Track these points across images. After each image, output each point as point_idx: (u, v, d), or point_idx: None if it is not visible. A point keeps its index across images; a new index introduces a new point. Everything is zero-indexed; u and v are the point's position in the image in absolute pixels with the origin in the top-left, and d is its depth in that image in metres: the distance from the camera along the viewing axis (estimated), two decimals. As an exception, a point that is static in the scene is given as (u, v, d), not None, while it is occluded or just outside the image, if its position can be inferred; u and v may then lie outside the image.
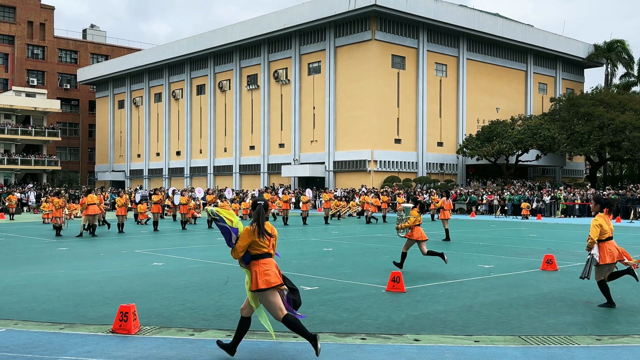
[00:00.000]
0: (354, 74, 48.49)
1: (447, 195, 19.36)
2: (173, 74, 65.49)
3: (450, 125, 52.61)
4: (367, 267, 12.49)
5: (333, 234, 22.49)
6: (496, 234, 22.86)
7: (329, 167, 50.20)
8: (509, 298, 9.21)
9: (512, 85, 56.62)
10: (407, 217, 11.87)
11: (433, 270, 12.08)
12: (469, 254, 15.34)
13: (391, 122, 48.65)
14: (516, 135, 45.93)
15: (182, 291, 9.63)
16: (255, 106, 56.76)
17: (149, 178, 68.32)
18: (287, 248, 16.75)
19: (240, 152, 58.33)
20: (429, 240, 19.34)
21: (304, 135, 52.58)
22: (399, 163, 49.13)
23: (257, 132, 56.49)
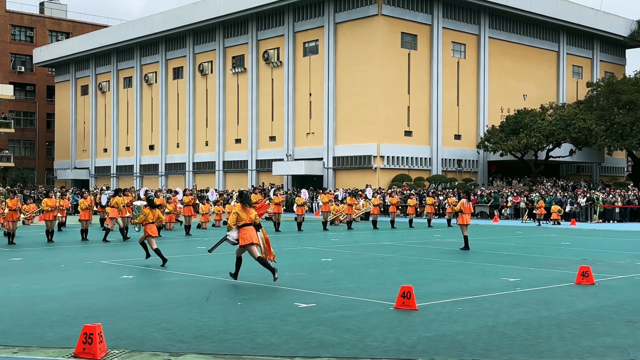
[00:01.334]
0: (357, 55, 48.55)
1: (467, 197, 19.39)
2: (146, 54, 65.50)
3: (470, 115, 52.70)
4: (372, 281, 12.50)
5: (333, 241, 22.50)
6: (523, 242, 22.88)
7: (328, 164, 50.26)
8: (537, 317, 9.23)
9: (542, 68, 56.74)
10: (137, 214, 14.57)
11: (450, 284, 12.11)
12: (491, 265, 15.37)
13: (401, 112, 48.72)
14: (546, 127, 46.04)
15: (156, 308, 9.62)
16: (242, 92, 56.80)
17: (117, 176, 68.33)
18: (280, 258, 16.74)
19: (224, 147, 58.37)
20: (444, 249, 19.37)
21: (298, 126, 52.61)
22: (409, 159, 49.21)
23: (244, 123, 56.54)
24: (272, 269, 11.71)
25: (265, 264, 11.80)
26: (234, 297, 10.59)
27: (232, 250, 18.91)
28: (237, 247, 12.26)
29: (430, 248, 20.06)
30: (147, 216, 15.27)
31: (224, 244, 12.87)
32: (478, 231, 28.71)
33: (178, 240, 22.97)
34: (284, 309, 9.61)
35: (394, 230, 29.14)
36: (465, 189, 22.17)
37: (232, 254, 17.99)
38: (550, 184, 47.21)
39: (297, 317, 9.00)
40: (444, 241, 23.10)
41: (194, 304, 10.02)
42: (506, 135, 47.28)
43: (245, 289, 11.46)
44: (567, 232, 29.35)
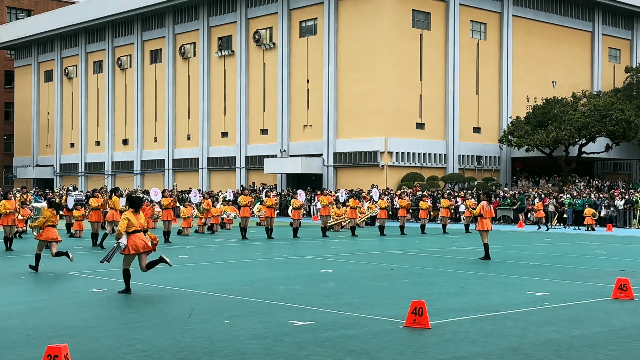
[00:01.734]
0: (361, 35, 48.57)
1: (487, 199, 19.40)
2: (119, 35, 65.51)
3: (491, 104, 52.73)
4: (379, 295, 12.51)
5: (333, 250, 22.51)
6: (552, 251, 22.88)
7: (328, 161, 50.29)
8: (569, 337, 9.23)
9: (574, 51, 56.78)
10: (37, 216, 14.69)
11: (468, 299, 12.11)
12: (515, 277, 15.38)
13: (411, 101, 48.75)
14: (579, 119, 46.06)
15: (131, 327, 9.62)
16: (229, 79, 56.82)
17: (86, 175, 68.36)
18: (272, 269, 16.76)
19: (209, 141, 58.41)
20: (461, 259, 19.36)
21: (294, 118, 52.63)
22: (421, 155, 49.26)
23: (232, 114, 56.56)
24: (164, 259, 12.69)
25: (154, 264, 12.69)
26: (220, 314, 10.59)
27: (220, 261, 18.92)
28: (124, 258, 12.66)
29: (446, 257, 20.07)
30: (47, 219, 15.67)
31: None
32: (500, 238, 28.67)
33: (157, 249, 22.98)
34: (277, 327, 9.61)
35: (403, 237, 29.13)
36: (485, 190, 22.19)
37: (221, 263, 18.00)
38: (583, 184, 47.26)
39: (293, 337, 9.00)
40: (462, 250, 23.10)
41: (174, 321, 10.02)
42: (533, 128, 47.31)
43: (233, 304, 11.47)
44: (602, 239, 29.35)
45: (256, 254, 21.12)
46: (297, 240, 26.90)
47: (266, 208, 27.88)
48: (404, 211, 31.31)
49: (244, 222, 27.02)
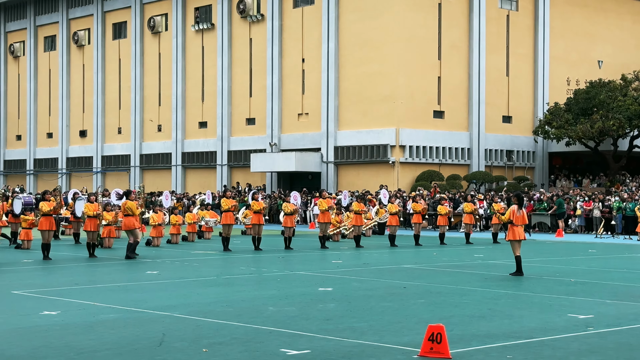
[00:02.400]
0: (367, 5, 48.59)
1: (519, 203, 19.38)
2: (75, 4, 65.55)
3: (524, 89, 52.77)
4: (389, 318, 12.50)
5: (334, 264, 22.47)
6: (598, 265, 22.86)
7: (328, 157, 50.30)
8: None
9: (624, 25, 56.85)
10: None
11: (496, 323, 12.11)
12: (553, 297, 15.38)
13: (428, 85, 48.78)
14: (630, 106, 46.12)
15: (89, 357, 9.61)
16: (208, 57, 56.80)
17: (35, 174, 68.31)
18: (261, 287, 16.73)
19: (184, 133, 58.41)
20: (488, 275, 19.37)
21: (286, 105, 52.63)
22: (440, 150, 49.29)
23: (212, 99, 56.56)
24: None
25: None
26: (196, 341, 10.58)
27: (197, 277, 18.90)
28: None
29: (469, 273, 20.06)
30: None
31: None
32: (536, 249, 28.59)
33: (119, 262, 22.91)
34: (266, 357, 9.60)
35: (418, 249, 29.09)
36: (516, 192, 22.14)
37: (199, 280, 17.99)
38: (635, 184, 47.24)
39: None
40: (488, 263, 23.07)
41: (142, 350, 10.00)
42: (574, 117, 47.35)
43: (213, 329, 11.46)
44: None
45: (241, 268, 21.08)
46: (290, 252, 26.83)
47: (253, 214, 27.83)
48: (419, 217, 31.28)
49: (227, 230, 26.99)
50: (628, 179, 49.28)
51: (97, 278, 18.54)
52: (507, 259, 22.52)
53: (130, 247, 23.70)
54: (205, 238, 34.05)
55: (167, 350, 10.01)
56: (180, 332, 11.25)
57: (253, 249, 27.16)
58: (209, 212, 34.32)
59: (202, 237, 34.03)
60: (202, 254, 26.30)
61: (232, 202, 27.44)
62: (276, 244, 29.27)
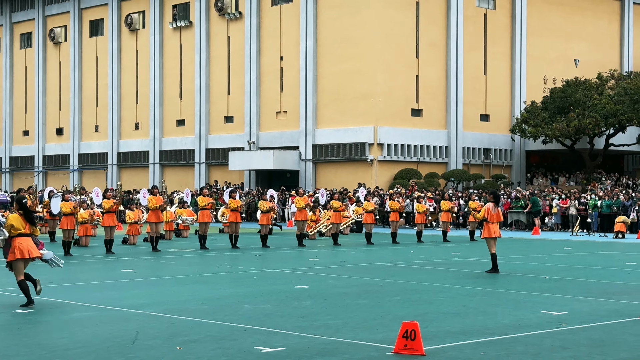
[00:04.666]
0: (345, 2, 48.63)
1: (494, 200, 19.45)
2: (51, 2, 65.12)
3: (502, 87, 52.98)
4: (364, 315, 12.54)
5: (311, 262, 22.50)
6: (573, 262, 23.01)
7: (306, 155, 50.29)
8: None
9: (601, 23, 57.18)
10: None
11: (471, 320, 12.16)
12: (528, 294, 15.47)
13: (406, 83, 48.87)
14: (606, 104, 46.37)
15: (61, 356, 9.57)
16: (186, 55, 56.65)
17: (11, 172, 67.85)
18: (236, 285, 16.73)
19: (162, 131, 58.22)
20: (463, 272, 19.45)
21: (265, 103, 52.57)
22: (418, 148, 49.39)
23: (190, 97, 56.41)
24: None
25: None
26: (171, 339, 10.57)
27: (173, 275, 18.87)
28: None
29: (446, 270, 20.14)
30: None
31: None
32: (511, 247, 28.75)
33: (95, 261, 22.83)
34: (241, 355, 9.60)
35: (396, 246, 29.17)
36: (492, 190, 22.21)
37: (175, 278, 17.96)
38: (610, 182, 47.52)
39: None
40: (464, 261, 23.17)
41: (115, 348, 9.97)
42: (551, 116, 47.56)
43: (188, 327, 11.44)
44: (633, 248, 29.55)
45: (217, 266, 21.07)
46: (267, 250, 26.84)
47: (230, 211, 27.80)
48: (396, 215, 31.34)
49: (203, 228, 26.95)
50: (604, 177, 49.58)
51: (72, 276, 18.46)
52: (483, 257, 22.62)
53: (156, 240, 25.81)
54: (183, 236, 33.99)
55: (140, 348, 9.98)
56: (154, 330, 11.23)
57: (230, 247, 27.14)
58: (186, 210, 34.27)
59: (180, 235, 33.97)
60: (179, 252, 26.26)
61: (208, 200, 27.42)
62: (253, 242, 29.25)
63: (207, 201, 27.21)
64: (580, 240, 33.70)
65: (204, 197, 27.41)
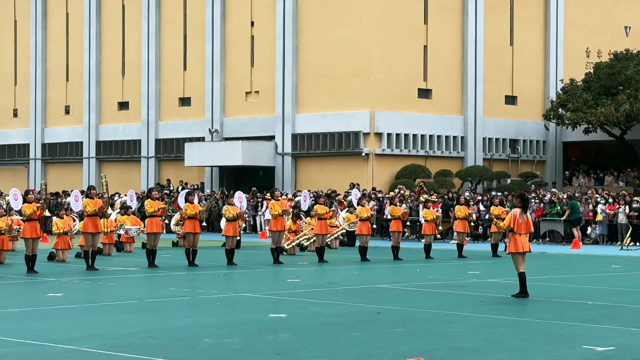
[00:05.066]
0: (334, -46, 48.64)
1: (524, 206, 19.45)
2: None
3: (533, 62, 53.09)
4: (357, 352, 12.51)
5: (290, 283, 22.43)
6: (622, 284, 23.01)
7: (284, 148, 50.26)
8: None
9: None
10: None
11: (493, 357, 12.16)
12: (565, 324, 15.48)
13: (411, 56, 48.90)
14: (666, 83, 46.50)
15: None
16: (130, 19, 56.59)
17: None
18: (195, 314, 16.67)
19: (99, 116, 58.08)
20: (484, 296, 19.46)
21: (231, 81, 52.51)
22: (427, 139, 49.44)
23: (135, 73, 56.26)
24: None
25: None
26: (110, 383, 10.54)
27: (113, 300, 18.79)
28: None
29: (461, 294, 20.14)
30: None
31: None
32: (545, 265, 28.73)
33: (14, 282, 22.68)
34: (199, 402, 9.58)
35: (397, 264, 29.16)
36: (520, 192, 22.18)
37: (116, 305, 17.89)
38: (671, 182, 47.71)
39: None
40: (485, 282, 23.16)
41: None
42: (595, 98, 47.63)
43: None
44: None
45: (170, 289, 21.00)
46: (234, 268, 26.75)
47: (186, 219, 27.71)
48: (398, 224, 31.35)
49: (153, 240, 26.85)
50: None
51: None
52: (509, 277, 22.65)
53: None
54: (126, 250, 33.87)
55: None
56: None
57: (187, 264, 27.04)
58: (130, 218, 34.13)
59: (122, 249, 33.85)
60: (121, 270, 26.14)
61: (158, 205, 27.31)
62: (217, 258, 29.15)
63: (157, 206, 27.10)
64: (632, 256, 33.75)
65: (153, 201, 27.29)
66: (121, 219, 33.73)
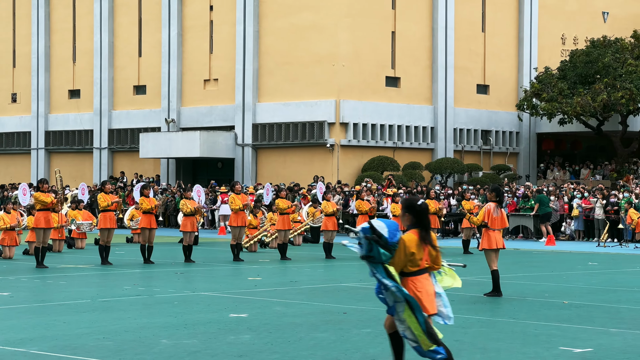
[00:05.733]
0: None
1: (498, 200, 19.50)
2: None
3: (506, 49, 53.25)
4: (322, 354, 12.53)
5: (251, 282, 22.42)
6: (600, 282, 23.15)
7: (244, 138, 50.20)
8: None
9: (636, -36, 57.62)
10: None
11: (465, 357, 12.18)
12: (540, 324, 15.55)
13: (379, 42, 48.91)
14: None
15: None
16: (81, 3, 56.26)
17: None
18: (152, 313, 16.63)
19: (48, 105, 57.78)
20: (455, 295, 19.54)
21: (188, 68, 52.38)
22: (395, 129, 49.50)
23: (86, 59, 56.01)
24: None
25: None
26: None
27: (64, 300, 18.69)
28: None
29: (431, 293, 20.18)
30: None
31: None
32: (519, 262, 28.87)
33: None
34: (156, 407, 9.55)
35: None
36: (493, 186, 22.23)
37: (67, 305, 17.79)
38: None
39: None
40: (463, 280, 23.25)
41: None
42: (571, 87, 47.80)
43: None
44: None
45: (125, 288, 20.93)
46: (192, 265, 26.71)
47: (142, 214, 27.62)
48: (365, 219, 31.38)
49: (106, 236, 26.74)
50: None
51: None
52: (481, 275, 22.74)
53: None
54: (77, 247, 33.71)
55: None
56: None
57: (142, 261, 26.97)
58: (82, 213, 33.98)
59: (73, 245, 33.69)
60: (73, 268, 26.01)
61: (112, 199, 27.20)
62: (174, 255, 29.08)
63: (111, 200, 27.00)
64: (609, 253, 33.95)
65: (106, 195, 27.18)
66: (72, 213, 33.56)
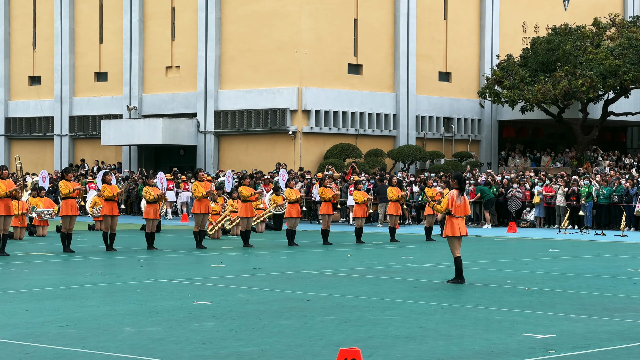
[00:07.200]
0: None
1: (460, 187, 19.57)
2: None
3: (467, 36, 53.35)
4: (287, 341, 12.52)
5: (214, 269, 22.39)
6: (561, 269, 23.26)
7: (206, 125, 50.05)
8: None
9: (597, -47, 57.81)
10: None
11: (429, 345, 12.22)
12: (503, 310, 15.62)
13: (341, 29, 48.86)
14: (605, 60, 46.89)
15: None
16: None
17: None
18: (115, 301, 16.57)
19: (8, 91, 57.48)
20: (418, 282, 19.56)
21: (150, 55, 52.14)
22: (357, 117, 49.51)
23: (47, 45, 55.66)
24: None
25: None
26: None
27: (26, 288, 18.59)
28: None
29: (395, 280, 20.23)
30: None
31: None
32: (481, 249, 28.96)
33: None
34: (120, 395, 9.52)
35: (328, 249, 29.20)
36: (456, 173, 22.31)
37: (29, 292, 17.70)
38: (610, 163, 48.11)
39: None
40: (419, 268, 23.28)
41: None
42: (532, 75, 47.95)
43: (47, 357, 11.30)
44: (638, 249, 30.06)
45: (87, 275, 20.83)
46: (155, 253, 26.65)
47: (104, 202, 27.50)
48: (328, 207, 31.37)
49: (68, 223, 26.60)
50: (601, 156, 50.18)
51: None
52: (444, 262, 22.78)
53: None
54: (39, 234, 33.53)
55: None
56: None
57: (104, 249, 26.87)
58: (44, 200, 33.78)
59: (34, 233, 33.51)
60: (34, 255, 25.88)
61: (73, 186, 27.05)
62: (137, 242, 28.99)
63: (72, 187, 26.85)
64: (570, 240, 34.14)
65: (67, 182, 27.03)
66: (33, 201, 33.34)
